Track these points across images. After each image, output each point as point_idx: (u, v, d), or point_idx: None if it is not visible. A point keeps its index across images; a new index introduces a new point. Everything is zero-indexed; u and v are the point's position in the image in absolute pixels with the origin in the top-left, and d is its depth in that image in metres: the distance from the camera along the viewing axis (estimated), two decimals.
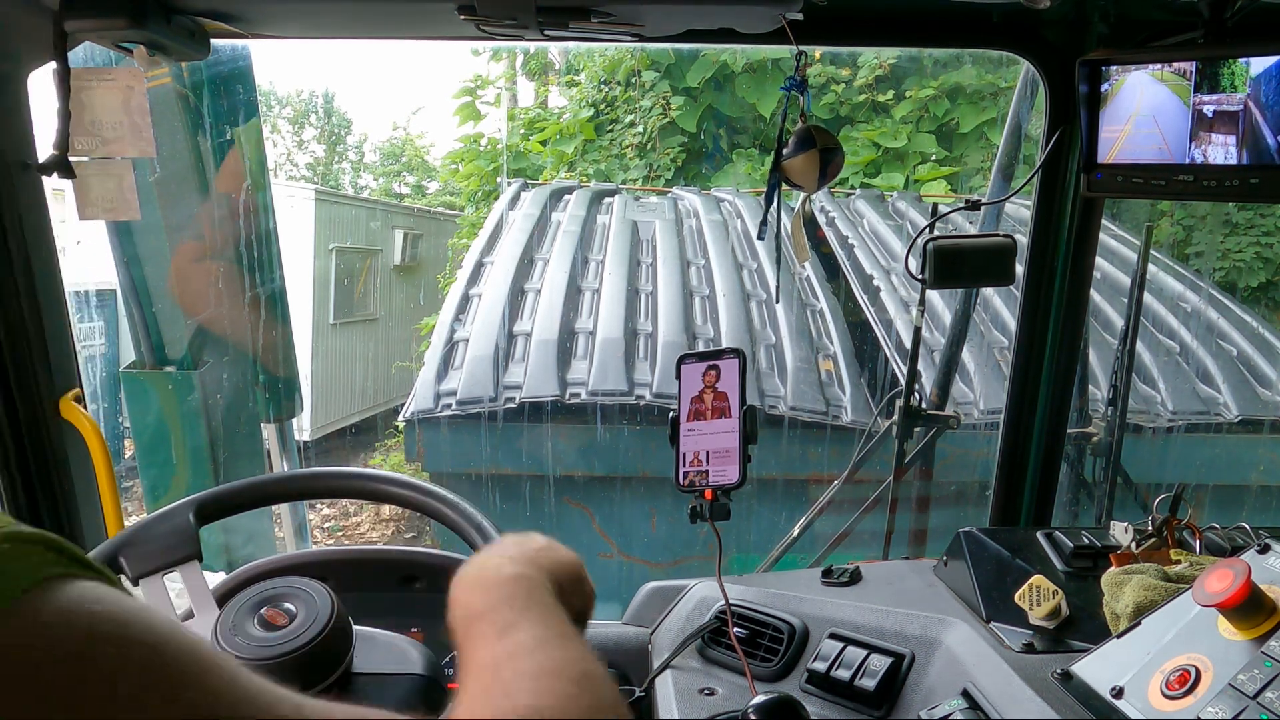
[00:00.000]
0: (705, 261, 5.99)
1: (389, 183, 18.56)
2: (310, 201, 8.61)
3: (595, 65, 9.64)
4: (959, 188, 8.75)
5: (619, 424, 4.60)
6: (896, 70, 8.98)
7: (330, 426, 9.15)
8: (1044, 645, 1.12)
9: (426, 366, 4.93)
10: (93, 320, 6.12)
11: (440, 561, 1.41)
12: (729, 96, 9.09)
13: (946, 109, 8.86)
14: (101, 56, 1.40)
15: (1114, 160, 1.32)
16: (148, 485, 3.14)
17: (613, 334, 5.03)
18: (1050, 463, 1.72)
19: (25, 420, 1.42)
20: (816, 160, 1.32)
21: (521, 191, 7.09)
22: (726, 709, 1.23)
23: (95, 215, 1.35)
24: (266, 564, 1.34)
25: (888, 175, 8.71)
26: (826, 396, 4.79)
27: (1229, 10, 1.21)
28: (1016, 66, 7.59)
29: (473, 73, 10.37)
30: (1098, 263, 1.75)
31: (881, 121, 8.98)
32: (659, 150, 9.27)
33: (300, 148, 19.37)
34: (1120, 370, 2.44)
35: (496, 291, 5.41)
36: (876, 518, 2.63)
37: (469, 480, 4.57)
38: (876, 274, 5.76)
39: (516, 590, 0.73)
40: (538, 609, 0.70)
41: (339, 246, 8.92)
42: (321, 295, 8.70)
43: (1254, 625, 0.87)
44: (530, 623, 0.68)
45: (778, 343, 5.15)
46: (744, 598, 1.41)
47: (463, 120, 9.99)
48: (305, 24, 1.43)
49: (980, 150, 8.83)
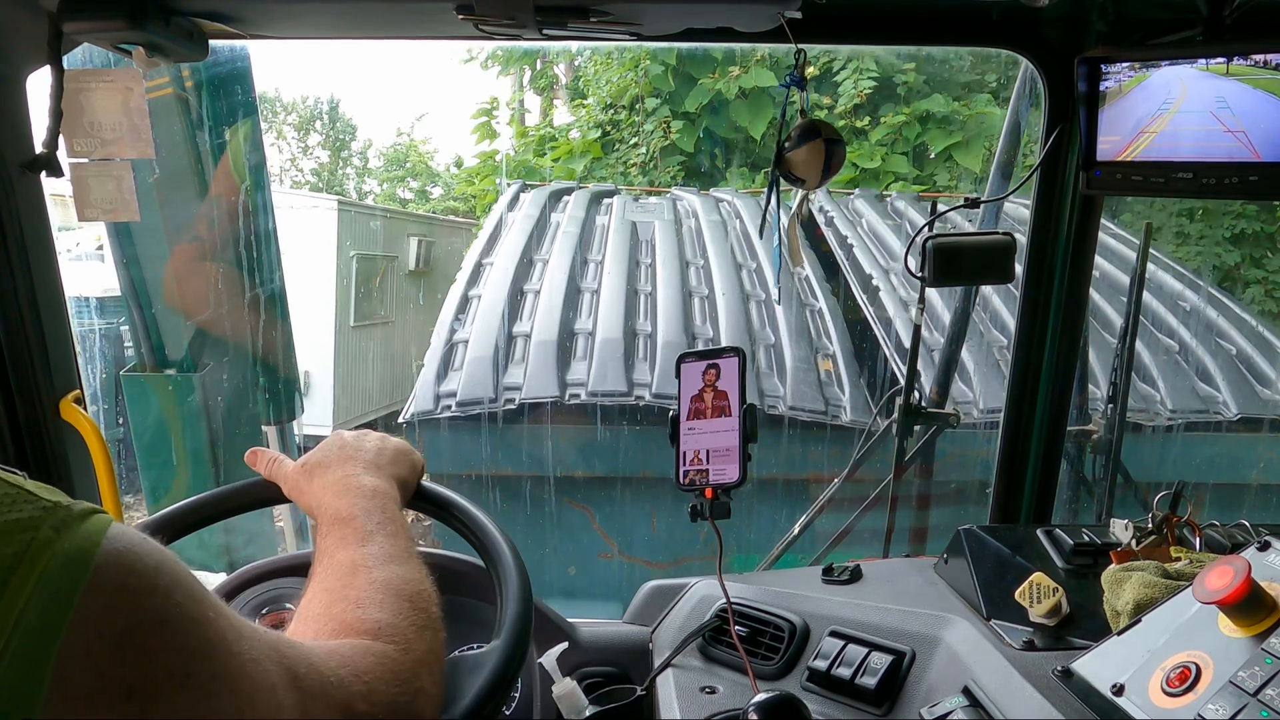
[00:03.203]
0: (704, 262, 5.99)
1: (393, 188, 18.62)
2: (334, 211, 9.05)
3: (602, 90, 10.73)
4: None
5: (619, 424, 4.60)
6: (873, 98, 10.03)
7: (350, 423, 9.41)
8: (1044, 643, 1.12)
9: (426, 368, 4.93)
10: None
11: (441, 561, 1.41)
12: (724, 120, 10.09)
13: (918, 133, 9.94)
14: (100, 58, 1.40)
15: (1137, 159, 1.31)
16: (148, 487, 3.14)
17: (612, 334, 5.03)
18: (1050, 460, 1.72)
19: (25, 421, 1.42)
20: (821, 151, 1.31)
21: (521, 193, 7.08)
22: (728, 707, 1.23)
23: (94, 217, 1.35)
24: (267, 565, 1.34)
25: (865, 189, 9.23)
26: (826, 396, 4.79)
27: (1228, 8, 1.21)
28: (983, 94, 7.58)
29: (486, 92, 11.38)
30: (1097, 262, 1.75)
31: (860, 144, 9.87)
32: (660, 168, 10.27)
33: (305, 153, 19.41)
34: (1120, 368, 2.44)
35: (496, 293, 5.40)
36: (876, 516, 2.63)
37: (469, 481, 4.57)
38: (875, 274, 5.76)
39: (373, 505, 0.88)
40: (390, 525, 0.86)
41: (359, 253, 9.27)
42: (343, 299, 9.06)
43: (1254, 622, 0.87)
44: (383, 537, 0.84)
45: (777, 343, 5.15)
46: (745, 596, 1.41)
47: (479, 139, 11.43)
48: (303, 24, 1.42)
49: (947, 170, 9.89)
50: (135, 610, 0.47)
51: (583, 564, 4.69)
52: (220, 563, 2.92)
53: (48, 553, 0.45)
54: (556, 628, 1.50)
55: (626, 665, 1.49)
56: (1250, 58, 1.18)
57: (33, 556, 0.45)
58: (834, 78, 9.95)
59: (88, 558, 0.46)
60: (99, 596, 0.46)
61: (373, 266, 9.62)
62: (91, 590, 0.46)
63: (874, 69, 9.71)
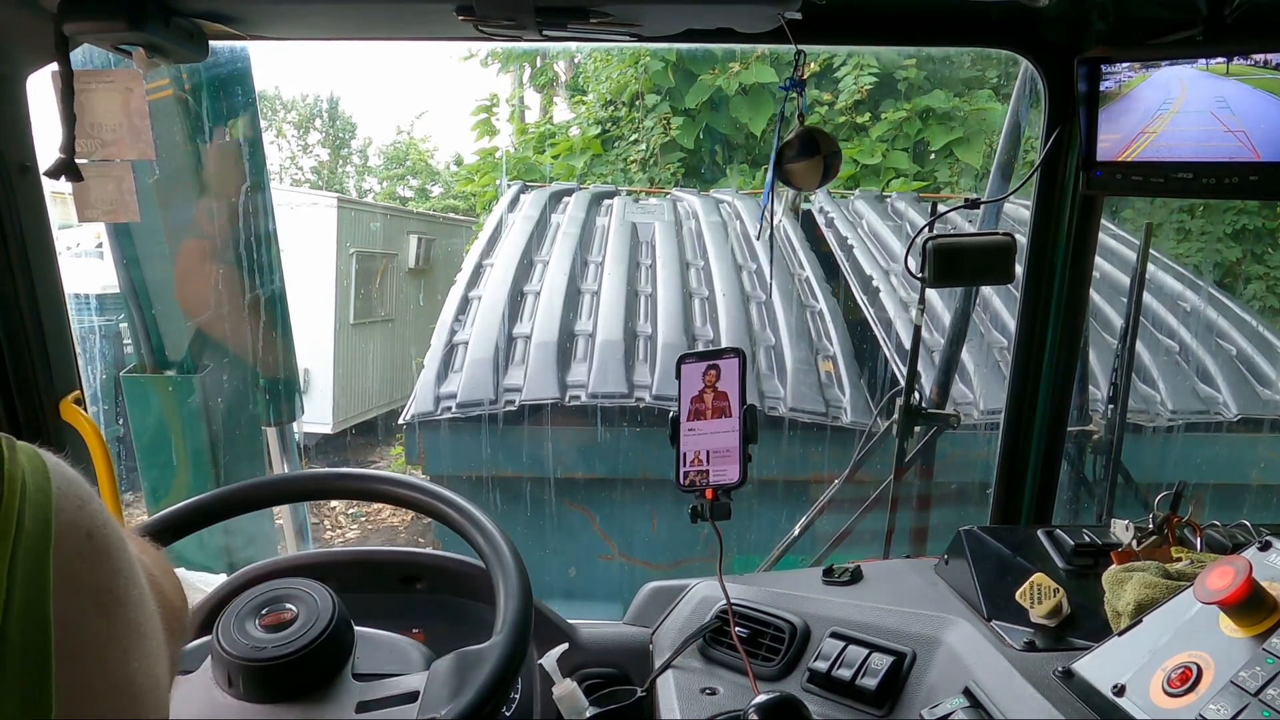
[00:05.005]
0: (705, 263, 5.99)
1: (393, 186, 18.64)
2: (333, 209, 9.05)
3: (601, 87, 10.67)
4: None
5: (619, 426, 4.60)
6: (874, 94, 10.00)
7: (350, 420, 9.49)
8: (1045, 643, 1.12)
9: (426, 369, 4.93)
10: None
11: (441, 563, 1.41)
12: (724, 117, 10.03)
13: (918, 129, 9.88)
14: (100, 59, 1.40)
15: (1137, 159, 1.31)
16: (148, 488, 3.14)
17: (612, 336, 5.03)
18: (1051, 461, 1.72)
19: (25, 422, 1.42)
20: (820, 166, 1.34)
21: (521, 194, 7.08)
22: (728, 708, 1.23)
23: (95, 217, 1.35)
24: (268, 565, 1.34)
25: (865, 189, 9.30)
26: (826, 397, 4.79)
27: (1228, 8, 1.21)
28: (984, 90, 7.59)
29: (486, 89, 11.36)
30: (1097, 262, 1.75)
31: (860, 140, 9.87)
32: (660, 165, 10.23)
33: (305, 151, 19.42)
34: (1120, 369, 2.44)
35: (496, 294, 5.40)
36: (877, 517, 2.63)
37: (470, 483, 4.57)
38: (876, 274, 5.76)
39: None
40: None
41: (358, 251, 9.29)
42: (343, 297, 9.08)
43: (1255, 622, 0.87)
44: None
45: (777, 344, 5.15)
46: (745, 597, 1.41)
47: (479, 136, 11.27)
48: (303, 25, 1.42)
49: (947, 165, 9.85)
50: (94, 515, 0.51)
51: (583, 565, 4.69)
52: (220, 563, 2.92)
53: (15, 466, 0.47)
54: (557, 629, 1.50)
55: (627, 666, 1.49)
56: (1250, 58, 1.17)
57: (10, 472, 0.47)
58: (835, 74, 9.97)
59: (45, 468, 0.49)
60: (66, 502, 0.49)
61: (372, 264, 9.66)
62: (59, 498, 0.48)
63: (875, 65, 9.74)
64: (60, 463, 0.52)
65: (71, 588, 0.47)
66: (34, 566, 0.45)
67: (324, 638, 1.00)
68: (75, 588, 0.47)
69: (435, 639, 1.19)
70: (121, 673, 0.50)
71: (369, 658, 1.06)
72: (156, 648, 0.55)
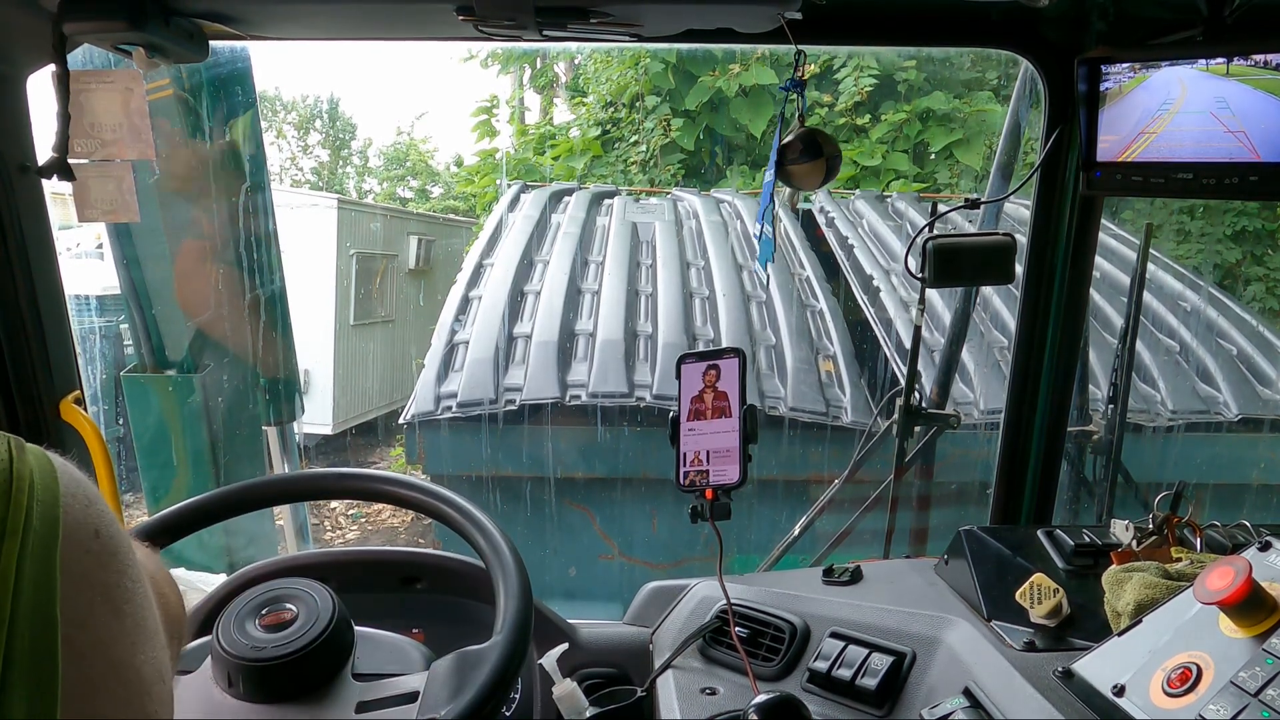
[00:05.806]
0: (705, 263, 5.99)
1: (393, 187, 18.64)
2: (333, 210, 9.07)
3: (602, 88, 10.73)
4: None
5: (619, 425, 4.60)
6: (874, 95, 10.04)
7: (351, 421, 9.50)
8: (1045, 643, 1.12)
9: (427, 369, 4.93)
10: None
11: (441, 563, 1.42)
12: (724, 118, 10.07)
13: (918, 130, 9.92)
14: (100, 59, 1.40)
15: (1138, 159, 1.31)
16: (148, 488, 3.14)
17: (613, 336, 5.03)
18: (1051, 461, 1.72)
19: (25, 423, 1.42)
20: (822, 168, 1.35)
21: (521, 193, 7.08)
22: (728, 708, 1.23)
23: (95, 218, 1.35)
24: (268, 565, 1.34)
25: (865, 190, 9.21)
26: (826, 397, 4.79)
27: (1228, 8, 1.21)
28: (984, 92, 7.59)
29: (486, 91, 11.40)
30: (1097, 262, 1.75)
31: (860, 142, 9.91)
32: (660, 166, 10.28)
33: (305, 152, 19.42)
34: (1120, 369, 2.44)
35: (496, 294, 5.40)
36: (877, 517, 2.63)
37: (470, 482, 4.57)
38: (876, 274, 5.76)
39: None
40: None
41: (359, 252, 9.31)
42: (343, 298, 9.10)
43: (1255, 623, 0.87)
44: None
45: (778, 343, 5.15)
46: (745, 597, 1.41)
47: (479, 137, 11.37)
48: (304, 25, 1.42)
49: (947, 167, 9.88)
50: (101, 514, 0.52)
51: (583, 565, 4.69)
52: (221, 563, 2.92)
53: (24, 466, 0.48)
54: (557, 629, 1.50)
55: (627, 666, 1.49)
56: (1250, 58, 1.17)
57: (18, 472, 0.47)
58: (835, 75, 9.98)
59: (53, 468, 0.50)
60: (74, 501, 0.50)
61: (373, 265, 9.67)
62: (66, 497, 0.49)
63: (875, 67, 9.76)
64: (67, 463, 0.52)
65: (80, 584, 0.48)
66: (42, 565, 0.45)
67: (324, 638, 1.00)
68: (83, 584, 0.48)
69: (435, 639, 1.19)
70: (129, 667, 0.50)
71: (369, 658, 1.06)
72: (161, 645, 0.55)
